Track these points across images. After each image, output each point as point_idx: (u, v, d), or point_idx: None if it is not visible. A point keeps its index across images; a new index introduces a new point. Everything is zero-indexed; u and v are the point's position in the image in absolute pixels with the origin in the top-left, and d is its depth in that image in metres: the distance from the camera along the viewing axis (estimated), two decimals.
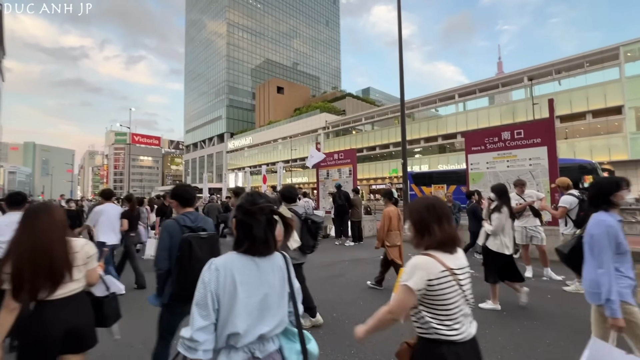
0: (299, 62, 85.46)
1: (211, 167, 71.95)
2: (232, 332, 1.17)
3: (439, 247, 1.41)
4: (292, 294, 1.37)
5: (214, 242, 2.16)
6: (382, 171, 42.48)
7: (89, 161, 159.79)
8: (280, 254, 1.39)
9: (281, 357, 1.30)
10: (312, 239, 3.42)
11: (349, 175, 10.35)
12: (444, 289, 1.34)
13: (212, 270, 1.20)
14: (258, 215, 1.28)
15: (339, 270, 6.00)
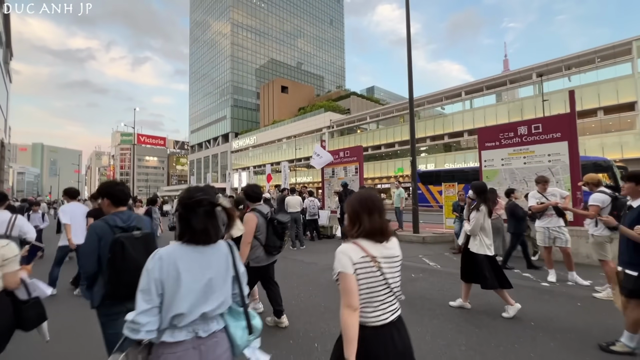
0: (303, 62, 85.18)
1: (216, 167, 72.00)
2: (176, 313, 1.30)
3: (366, 236, 1.52)
4: (237, 277, 1.52)
5: (149, 241, 2.11)
6: (387, 170, 42.02)
7: (95, 162, 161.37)
8: (225, 242, 1.53)
9: (227, 336, 1.46)
10: (279, 240, 3.31)
11: (355, 173, 9.99)
12: (363, 273, 1.45)
13: (156, 260, 1.33)
14: (196, 208, 1.41)
15: None
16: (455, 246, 7.25)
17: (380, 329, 1.46)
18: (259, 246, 3.25)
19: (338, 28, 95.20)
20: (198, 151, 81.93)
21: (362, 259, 1.46)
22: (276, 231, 3.29)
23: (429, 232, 8.82)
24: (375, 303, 1.47)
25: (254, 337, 1.51)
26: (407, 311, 3.72)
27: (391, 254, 1.54)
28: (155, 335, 1.29)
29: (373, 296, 1.46)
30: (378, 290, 1.47)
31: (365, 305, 1.46)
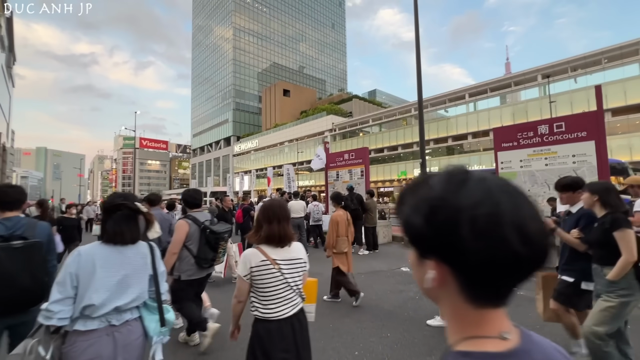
0: (305, 65, 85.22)
1: (218, 170, 71.75)
2: (87, 304, 1.43)
3: (266, 241, 1.73)
4: (155, 276, 1.67)
5: (34, 251, 1.92)
6: (390, 174, 41.55)
7: (98, 165, 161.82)
8: (146, 243, 1.69)
9: (141, 326, 1.60)
10: (212, 251, 2.97)
11: (361, 176, 9.55)
12: (263, 274, 1.66)
13: (75, 256, 1.48)
14: (115, 212, 1.59)
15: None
16: None
17: (283, 321, 1.67)
18: (190, 257, 2.92)
19: (340, 32, 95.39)
20: (200, 155, 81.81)
21: (261, 262, 1.68)
22: (209, 242, 2.94)
23: None
24: (276, 299, 1.68)
25: (166, 329, 1.67)
26: (419, 334, 3.26)
27: (292, 257, 1.76)
28: (68, 323, 1.43)
29: (275, 293, 1.68)
30: (279, 287, 1.69)
31: (268, 301, 1.68)
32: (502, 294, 0.45)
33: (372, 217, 7.78)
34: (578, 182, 2.69)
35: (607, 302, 2.20)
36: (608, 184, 2.45)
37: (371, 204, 7.95)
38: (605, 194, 2.34)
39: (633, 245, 2.12)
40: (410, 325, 3.47)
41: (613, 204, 2.27)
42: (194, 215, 3.01)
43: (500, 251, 0.40)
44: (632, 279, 2.17)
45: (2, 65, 45.29)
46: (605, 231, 2.22)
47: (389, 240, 9.26)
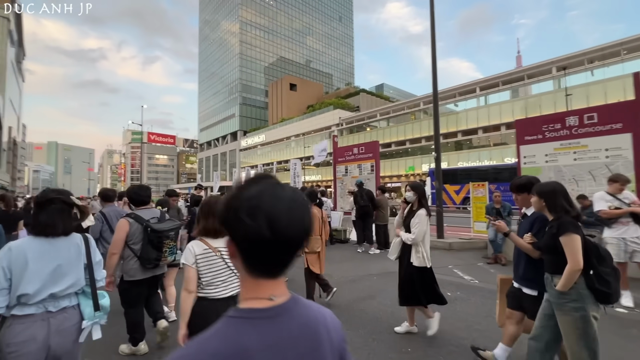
0: (312, 59, 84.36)
1: (225, 165, 71.84)
2: (21, 294, 1.54)
3: (204, 234, 1.99)
4: (89, 265, 1.81)
5: None
6: (397, 169, 40.94)
7: (107, 160, 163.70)
8: (80, 235, 1.82)
9: (78, 312, 1.73)
10: (155, 251, 2.80)
11: (371, 171, 9.14)
12: (206, 261, 1.90)
13: (6, 251, 1.58)
14: (46, 206, 1.68)
15: (367, 288, 4.80)
16: (489, 255, 6.35)
17: (222, 300, 1.89)
18: (133, 257, 2.79)
19: (347, 25, 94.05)
20: (207, 149, 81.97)
21: (204, 250, 1.92)
22: (151, 241, 2.76)
23: (454, 237, 7.91)
24: (218, 282, 1.91)
25: (101, 314, 1.80)
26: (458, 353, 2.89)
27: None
28: (4, 311, 1.54)
29: (216, 277, 1.91)
30: (221, 272, 1.92)
31: (210, 284, 1.90)
32: (271, 268, 0.62)
33: (383, 215, 7.37)
34: (533, 183, 2.46)
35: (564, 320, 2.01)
36: (555, 186, 2.18)
37: (382, 200, 7.54)
38: (551, 197, 2.13)
39: (578, 252, 1.93)
40: (433, 339, 3.11)
41: (559, 208, 2.08)
42: (137, 214, 2.86)
43: (252, 233, 0.56)
44: (582, 288, 1.95)
45: (12, 60, 45.56)
46: (553, 236, 2.03)
47: None
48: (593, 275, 1.94)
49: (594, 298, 1.94)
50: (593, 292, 1.93)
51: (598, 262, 1.95)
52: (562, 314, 2.01)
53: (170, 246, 2.88)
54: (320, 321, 0.66)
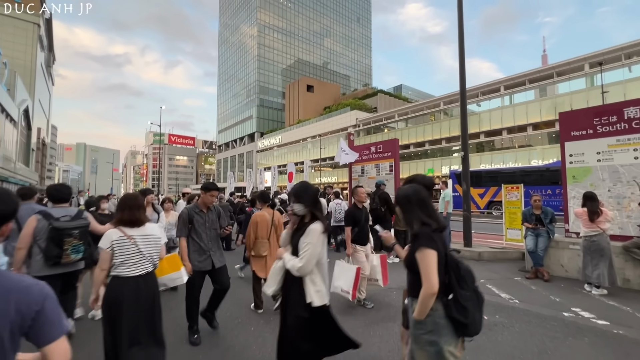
0: (330, 61, 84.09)
1: (242, 166, 72.43)
2: None
3: (122, 224, 2.36)
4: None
5: None
6: (416, 171, 39.71)
7: (130, 160, 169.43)
8: None
9: None
10: (56, 248, 2.87)
11: (390, 171, 8.44)
12: (120, 246, 2.29)
13: None
14: None
15: (386, 307, 4.12)
16: (529, 268, 5.52)
17: (130, 278, 2.27)
18: (39, 254, 2.87)
19: (365, 26, 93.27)
20: (225, 151, 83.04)
21: (119, 237, 2.31)
22: (53, 238, 2.83)
23: (484, 245, 7.08)
24: (129, 263, 2.30)
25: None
26: None
27: (146, 233, 2.43)
28: None
29: (128, 259, 2.30)
30: (132, 255, 2.31)
31: (122, 265, 2.29)
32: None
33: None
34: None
35: (419, 355, 1.67)
36: (409, 191, 1.83)
37: None
38: (405, 206, 1.81)
39: (432, 272, 1.58)
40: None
41: (415, 219, 1.73)
42: (47, 211, 2.96)
43: None
44: (440, 317, 1.62)
45: (42, 64, 47.49)
46: (412, 252, 1.70)
47: None
48: (451, 300, 1.60)
49: (453, 329, 1.60)
50: (452, 321, 1.59)
51: (458, 283, 1.63)
52: (417, 347, 1.68)
53: (74, 244, 2.89)
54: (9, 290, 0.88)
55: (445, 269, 1.64)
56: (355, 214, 4.39)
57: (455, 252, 1.75)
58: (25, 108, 33.59)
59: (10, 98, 26.47)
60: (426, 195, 1.81)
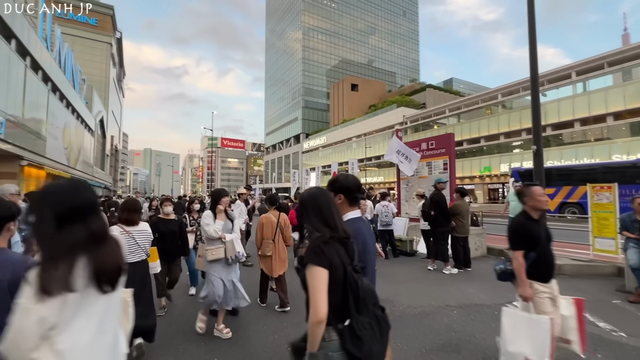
0: (375, 58, 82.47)
1: (288, 167, 74.11)
2: None
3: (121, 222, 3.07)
4: None
5: None
6: (470, 169, 36.77)
7: (188, 163, 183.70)
8: None
9: None
10: None
11: (444, 170, 7.57)
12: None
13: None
14: None
15: (446, 331, 3.41)
16: (632, 289, 4.39)
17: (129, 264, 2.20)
18: None
19: (412, 20, 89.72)
20: (272, 152, 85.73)
21: (120, 232, 2.94)
22: None
23: (563, 256, 5.93)
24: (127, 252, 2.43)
25: None
26: None
27: (140, 229, 3.09)
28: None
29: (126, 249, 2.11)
30: (130, 247, 2.95)
31: None
32: None
33: (463, 225, 5.75)
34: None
35: None
36: (304, 195, 1.58)
37: (462, 206, 5.90)
38: (301, 212, 1.59)
39: (317, 294, 1.28)
40: None
41: (310, 226, 1.48)
42: None
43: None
44: (334, 350, 1.29)
45: (114, 79, 53.26)
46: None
47: (482, 254, 7.07)
48: (346, 328, 1.31)
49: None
50: (347, 355, 1.28)
51: (356, 307, 1.33)
52: None
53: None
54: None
55: (344, 288, 1.34)
56: (530, 229, 2.55)
57: (355, 269, 1.31)
58: (101, 118, 37.89)
59: (88, 110, 29.94)
60: (326, 199, 1.52)
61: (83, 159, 27.13)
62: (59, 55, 20.89)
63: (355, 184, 1.77)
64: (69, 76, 22.63)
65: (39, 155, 15.63)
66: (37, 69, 15.91)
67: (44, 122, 16.46)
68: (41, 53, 16.38)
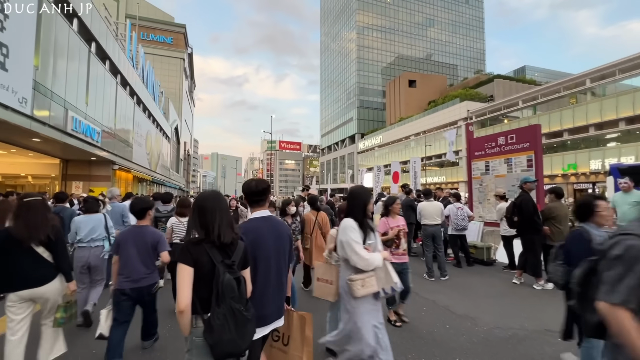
0: (434, 52, 78.15)
1: (344, 167, 74.01)
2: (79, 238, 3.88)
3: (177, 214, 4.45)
4: (107, 228, 4.11)
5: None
6: (550, 167, 32.24)
7: (250, 165, 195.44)
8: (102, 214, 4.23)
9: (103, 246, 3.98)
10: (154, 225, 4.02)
11: (528, 167, 6.55)
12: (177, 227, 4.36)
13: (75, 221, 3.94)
14: (88, 201, 4.08)
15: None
16: None
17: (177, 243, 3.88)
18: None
19: (476, 6, 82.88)
20: (327, 153, 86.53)
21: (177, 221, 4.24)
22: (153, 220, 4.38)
23: None
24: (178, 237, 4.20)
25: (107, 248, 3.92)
26: None
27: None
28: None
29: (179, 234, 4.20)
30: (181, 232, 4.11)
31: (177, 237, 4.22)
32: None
33: (560, 231, 4.71)
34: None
35: None
36: (198, 197, 1.79)
37: (559, 209, 4.90)
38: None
39: (181, 287, 1.51)
40: None
41: (191, 227, 1.70)
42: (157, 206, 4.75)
43: None
44: (197, 335, 1.55)
45: (186, 91, 58.82)
46: None
47: None
48: (207, 318, 1.54)
49: (209, 350, 1.51)
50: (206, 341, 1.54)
51: (216, 299, 1.53)
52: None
53: (162, 227, 5.03)
54: None
55: (211, 283, 1.55)
56: None
57: (229, 267, 1.56)
58: (176, 126, 42.17)
59: (165, 119, 33.51)
60: (213, 203, 1.68)
61: (162, 163, 30.41)
62: (142, 72, 23.67)
63: (250, 189, 2.01)
64: (150, 90, 25.53)
65: (127, 160, 17.84)
66: (125, 85, 18.18)
67: (130, 132, 18.75)
68: (128, 71, 18.68)
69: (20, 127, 8.34)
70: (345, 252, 2.24)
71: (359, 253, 2.18)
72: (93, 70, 13.13)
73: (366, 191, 2.47)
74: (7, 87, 7.49)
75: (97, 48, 13.84)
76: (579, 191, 32.49)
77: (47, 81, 9.55)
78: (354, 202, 2.38)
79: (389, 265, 2.38)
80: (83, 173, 15.30)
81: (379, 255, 2.29)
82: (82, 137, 11.70)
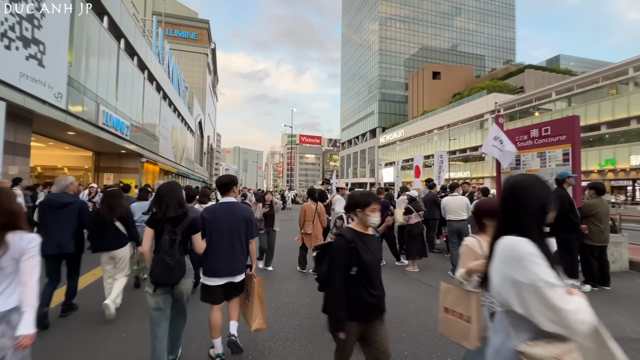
0: (460, 42, 75.22)
1: (364, 162, 73.31)
2: None
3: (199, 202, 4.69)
4: None
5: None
6: (586, 162, 30.35)
7: (270, 159, 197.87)
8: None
9: None
10: None
11: (564, 162, 6.14)
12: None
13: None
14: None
15: None
16: None
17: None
18: None
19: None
20: (348, 147, 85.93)
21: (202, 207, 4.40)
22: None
23: None
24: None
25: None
26: None
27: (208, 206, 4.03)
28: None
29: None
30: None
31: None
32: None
33: (600, 231, 4.38)
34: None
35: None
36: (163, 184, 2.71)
37: (600, 206, 4.56)
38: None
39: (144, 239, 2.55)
40: None
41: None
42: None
43: None
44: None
45: (209, 86, 59.89)
46: None
47: (622, 268, 5.48)
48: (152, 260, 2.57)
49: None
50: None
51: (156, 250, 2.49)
52: None
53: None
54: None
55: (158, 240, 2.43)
56: None
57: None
58: (199, 121, 43.20)
59: (190, 114, 34.39)
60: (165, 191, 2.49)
61: (186, 156, 31.31)
62: (168, 67, 24.33)
63: (220, 181, 2.83)
64: (175, 85, 26.23)
65: (154, 154, 18.48)
66: (152, 80, 18.76)
67: (157, 126, 19.38)
68: (155, 67, 19.25)
69: (57, 121, 8.80)
70: (525, 301, 1.06)
71: (561, 307, 1.01)
72: (122, 66, 13.61)
73: (542, 184, 1.29)
74: (44, 82, 7.89)
75: (126, 44, 14.32)
76: (617, 188, 30.51)
77: (80, 77, 10.00)
78: (520, 204, 1.23)
79: (604, 331, 1.17)
80: (114, 165, 16.03)
81: (586, 306, 1.07)
82: (113, 131, 12.21)
